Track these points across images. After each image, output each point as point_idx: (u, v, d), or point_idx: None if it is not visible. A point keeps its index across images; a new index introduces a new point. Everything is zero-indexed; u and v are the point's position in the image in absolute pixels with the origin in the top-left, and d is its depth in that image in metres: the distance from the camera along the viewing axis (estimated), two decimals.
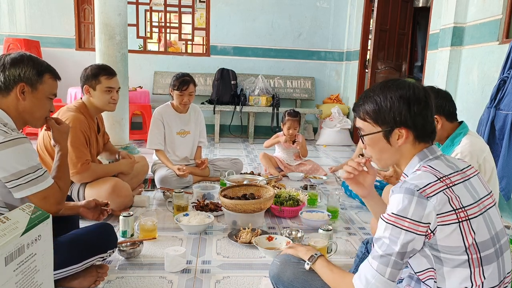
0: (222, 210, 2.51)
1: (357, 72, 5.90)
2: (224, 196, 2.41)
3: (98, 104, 2.47)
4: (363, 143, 1.27)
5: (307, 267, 1.33)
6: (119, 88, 2.54)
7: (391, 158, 1.22)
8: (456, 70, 3.57)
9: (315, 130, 6.37)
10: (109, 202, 1.98)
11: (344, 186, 3.26)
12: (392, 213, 1.07)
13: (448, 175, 1.10)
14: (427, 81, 4.08)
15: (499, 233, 1.11)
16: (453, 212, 1.04)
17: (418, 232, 1.04)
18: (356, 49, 5.95)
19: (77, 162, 2.30)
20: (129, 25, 4.15)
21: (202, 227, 2.29)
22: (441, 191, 1.05)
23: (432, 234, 1.05)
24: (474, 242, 1.05)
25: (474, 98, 3.31)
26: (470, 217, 1.06)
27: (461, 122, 1.97)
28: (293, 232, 2.22)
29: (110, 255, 1.71)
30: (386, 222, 1.08)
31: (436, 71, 3.77)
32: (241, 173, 3.45)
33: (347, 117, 6.01)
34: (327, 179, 3.59)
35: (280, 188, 2.98)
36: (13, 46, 5.18)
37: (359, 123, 1.25)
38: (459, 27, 3.50)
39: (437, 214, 1.03)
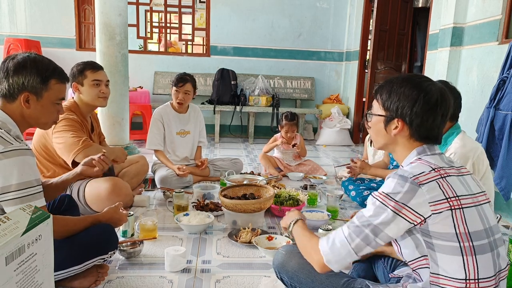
0: (222, 210, 2.52)
1: (357, 72, 5.90)
2: (224, 196, 2.41)
3: (88, 100, 2.43)
4: (366, 120, 1.33)
5: (289, 235, 1.40)
6: (108, 81, 2.52)
7: (384, 144, 1.28)
8: (456, 70, 3.57)
9: (315, 130, 6.38)
10: (104, 153, 1.91)
11: (344, 186, 3.26)
12: (383, 192, 1.13)
13: (442, 167, 1.14)
14: None
15: (493, 227, 1.12)
16: (446, 200, 1.08)
17: (402, 215, 1.08)
18: (356, 49, 5.95)
19: (78, 140, 2.25)
20: (130, 25, 4.16)
21: (202, 227, 2.30)
22: (434, 180, 1.09)
23: (424, 221, 1.08)
24: (466, 231, 1.07)
25: (473, 98, 3.31)
26: (463, 206, 1.09)
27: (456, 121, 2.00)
28: None
29: (111, 256, 1.71)
30: (374, 197, 1.14)
31: (435, 71, 3.77)
32: (241, 173, 3.45)
33: (347, 117, 6.01)
34: (327, 179, 3.59)
35: (280, 188, 2.99)
36: (13, 46, 5.18)
37: (374, 102, 1.31)
38: (458, 27, 3.50)
39: (429, 203, 1.07)
